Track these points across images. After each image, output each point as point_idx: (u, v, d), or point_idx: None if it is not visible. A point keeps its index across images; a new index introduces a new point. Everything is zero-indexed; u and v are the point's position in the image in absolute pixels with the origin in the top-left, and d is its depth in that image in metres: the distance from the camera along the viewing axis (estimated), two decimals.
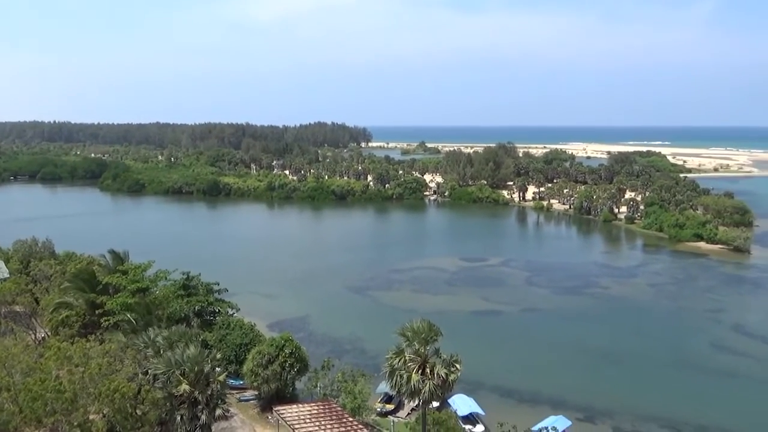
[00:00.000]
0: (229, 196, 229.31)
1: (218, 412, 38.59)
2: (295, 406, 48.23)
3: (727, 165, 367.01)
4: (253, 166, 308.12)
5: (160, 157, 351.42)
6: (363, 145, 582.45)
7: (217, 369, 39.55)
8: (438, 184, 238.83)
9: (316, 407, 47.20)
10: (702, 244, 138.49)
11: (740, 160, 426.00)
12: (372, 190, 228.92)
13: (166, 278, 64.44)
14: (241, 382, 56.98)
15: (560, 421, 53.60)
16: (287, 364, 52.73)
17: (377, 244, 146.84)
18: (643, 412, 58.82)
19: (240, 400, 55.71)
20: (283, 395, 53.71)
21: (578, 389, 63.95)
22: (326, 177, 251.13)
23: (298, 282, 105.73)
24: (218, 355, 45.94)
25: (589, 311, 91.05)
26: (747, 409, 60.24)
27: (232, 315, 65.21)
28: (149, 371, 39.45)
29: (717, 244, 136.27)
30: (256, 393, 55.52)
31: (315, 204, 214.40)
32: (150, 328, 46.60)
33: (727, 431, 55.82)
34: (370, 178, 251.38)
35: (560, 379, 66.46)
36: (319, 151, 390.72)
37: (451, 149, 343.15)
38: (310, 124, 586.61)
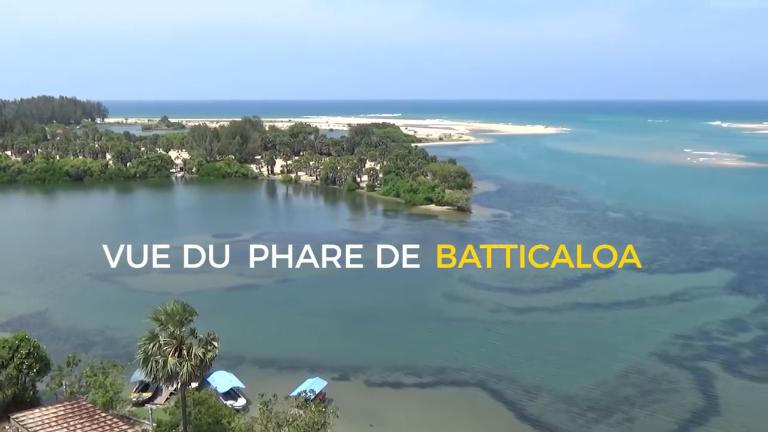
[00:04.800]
0: None
1: None
2: (37, 410, 43.84)
3: (450, 135, 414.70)
4: None
5: None
6: (99, 121, 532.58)
7: None
8: (184, 160, 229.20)
9: (62, 408, 43.49)
10: (432, 207, 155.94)
11: (460, 129, 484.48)
12: (112, 169, 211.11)
13: None
14: None
15: (317, 383, 57.14)
16: (24, 366, 47.84)
17: (122, 226, 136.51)
18: (391, 363, 65.25)
19: None
20: (23, 400, 48.34)
21: (333, 350, 68.47)
22: (57, 157, 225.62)
23: (30, 275, 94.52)
24: None
25: (340, 276, 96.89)
26: (475, 346, 70.68)
27: None
28: None
29: (445, 205, 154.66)
30: None
31: (46, 187, 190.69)
32: None
33: (461, 369, 64.78)
34: (109, 156, 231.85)
35: (316, 344, 70.37)
36: (47, 129, 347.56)
37: (197, 124, 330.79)
38: (33, 98, 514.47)
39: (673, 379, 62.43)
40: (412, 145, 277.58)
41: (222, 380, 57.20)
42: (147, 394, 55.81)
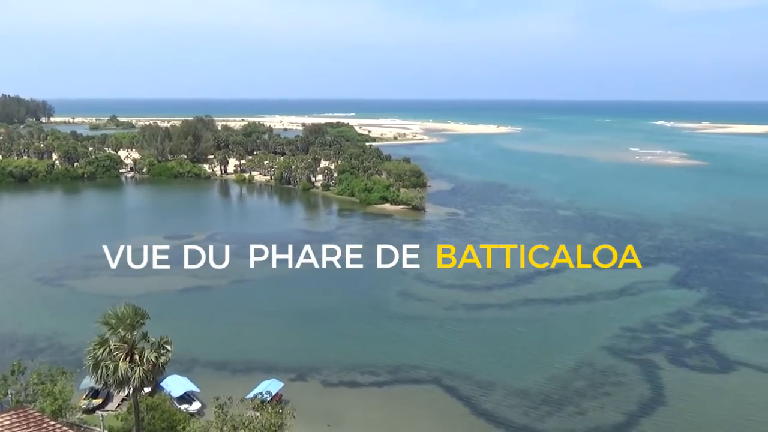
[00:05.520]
0: None
1: None
2: None
3: (404, 134, 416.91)
4: None
5: None
6: (44, 120, 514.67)
7: None
8: (135, 160, 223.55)
9: (8, 417, 41.75)
10: (387, 206, 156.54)
11: (414, 129, 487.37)
12: (59, 169, 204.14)
13: None
14: None
15: (273, 384, 56.83)
16: None
17: (70, 228, 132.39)
18: (347, 363, 65.37)
19: None
20: None
21: (289, 351, 68.14)
22: (0, 157, 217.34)
23: None
24: None
25: (294, 277, 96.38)
26: (430, 343, 71.40)
27: None
28: None
29: (399, 204, 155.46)
30: None
31: None
32: None
33: (417, 366, 65.31)
34: (55, 156, 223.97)
35: (272, 345, 69.91)
36: None
37: (147, 123, 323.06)
38: None
39: (622, 372, 64.47)
40: (367, 144, 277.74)
41: (176, 384, 56.26)
42: (97, 401, 54.47)
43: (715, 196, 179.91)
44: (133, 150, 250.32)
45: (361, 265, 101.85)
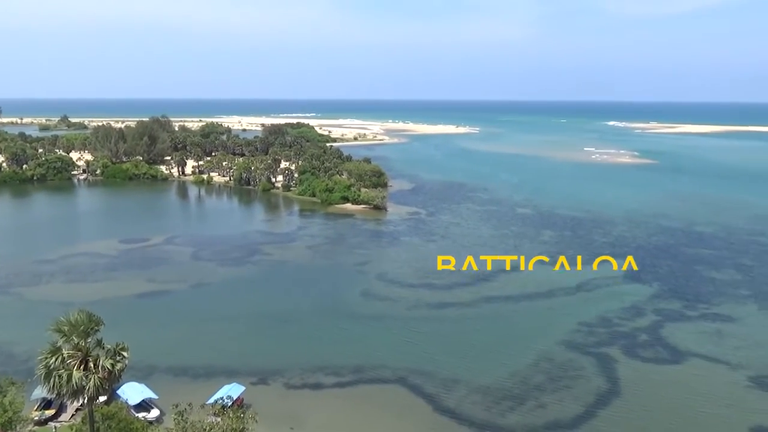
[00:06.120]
0: None
1: None
2: None
3: (365, 134, 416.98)
4: None
5: None
6: None
7: None
8: (88, 162, 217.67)
9: None
10: (349, 206, 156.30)
11: (374, 129, 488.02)
12: (6, 171, 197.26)
13: None
14: None
15: (234, 389, 56.06)
16: None
17: (18, 233, 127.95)
18: (310, 364, 64.92)
19: None
20: None
21: (250, 354, 67.35)
22: None
23: None
24: None
25: (255, 279, 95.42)
26: (393, 342, 71.52)
27: None
28: None
29: (361, 204, 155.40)
30: None
31: None
32: None
33: (380, 366, 65.32)
34: (2, 158, 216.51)
35: (232, 348, 68.97)
36: None
37: (100, 124, 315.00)
38: None
39: (580, 366, 65.85)
40: (327, 144, 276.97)
41: (133, 392, 54.99)
42: (50, 412, 52.83)
43: (664, 193, 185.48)
44: (86, 151, 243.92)
45: (323, 265, 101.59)
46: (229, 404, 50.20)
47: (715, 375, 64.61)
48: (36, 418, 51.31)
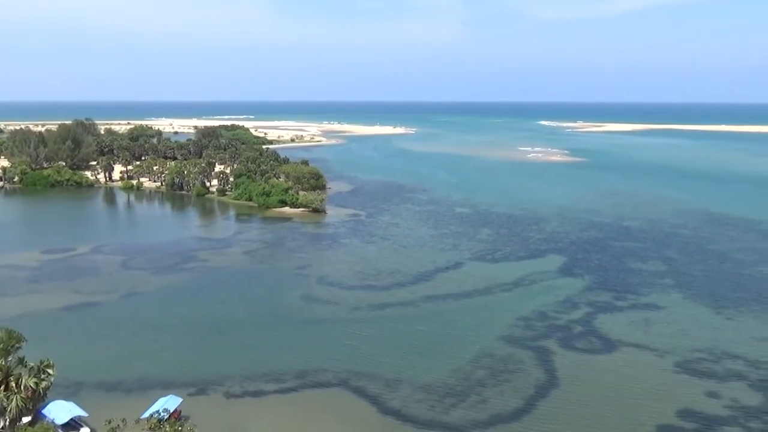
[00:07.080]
0: None
1: None
2: None
3: (302, 136, 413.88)
4: None
5: None
6: None
7: None
8: (4, 168, 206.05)
9: None
10: (287, 209, 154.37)
11: (311, 131, 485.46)
12: None
13: None
14: None
15: (171, 401, 54.00)
16: None
17: None
18: (251, 372, 63.41)
19: None
20: None
21: (187, 365, 65.14)
22: None
23: None
24: None
25: (191, 286, 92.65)
26: (335, 345, 70.79)
27: None
28: None
29: (299, 207, 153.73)
30: None
31: None
32: None
33: (322, 370, 64.51)
34: None
35: (167, 359, 66.57)
36: None
37: (17, 128, 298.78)
38: None
39: (519, 359, 67.13)
40: (264, 147, 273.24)
41: (60, 410, 51.97)
42: None
43: (594, 190, 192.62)
44: (2, 157, 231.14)
45: (261, 270, 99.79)
46: (166, 417, 48.43)
47: (644, 362, 67.22)
48: None
